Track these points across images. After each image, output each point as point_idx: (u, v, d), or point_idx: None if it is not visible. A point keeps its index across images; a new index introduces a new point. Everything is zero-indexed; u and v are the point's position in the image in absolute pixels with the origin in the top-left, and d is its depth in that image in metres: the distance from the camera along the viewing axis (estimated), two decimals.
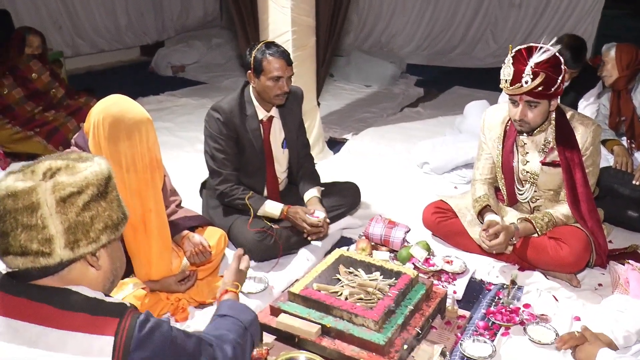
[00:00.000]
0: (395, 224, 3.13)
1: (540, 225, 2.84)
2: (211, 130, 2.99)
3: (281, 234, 3.00)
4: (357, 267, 2.53)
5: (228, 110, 2.97)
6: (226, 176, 3.00)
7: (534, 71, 2.55)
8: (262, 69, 2.90)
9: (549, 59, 2.54)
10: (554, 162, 2.83)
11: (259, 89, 2.96)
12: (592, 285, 2.86)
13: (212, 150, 3.00)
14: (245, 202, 2.98)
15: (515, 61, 2.60)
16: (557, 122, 2.79)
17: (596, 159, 2.80)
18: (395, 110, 5.93)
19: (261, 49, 2.92)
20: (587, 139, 2.75)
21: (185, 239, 2.58)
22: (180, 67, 7.48)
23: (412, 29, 8.64)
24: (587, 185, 2.77)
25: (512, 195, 3.05)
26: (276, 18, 4.18)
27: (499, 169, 3.03)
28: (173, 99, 6.13)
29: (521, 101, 2.67)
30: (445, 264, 2.94)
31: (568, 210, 2.83)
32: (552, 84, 2.57)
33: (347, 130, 5.23)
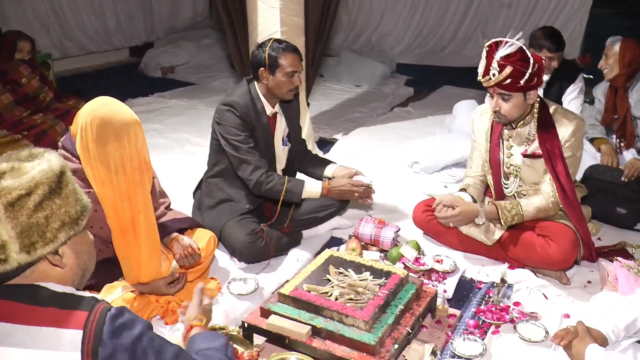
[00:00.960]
0: (385, 224, 3.14)
1: (505, 217, 2.87)
2: (228, 124, 2.94)
3: (272, 236, 3.00)
4: (347, 267, 2.53)
5: (244, 104, 2.96)
6: (256, 164, 2.94)
7: (500, 64, 2.62)
8: (278, 65, 2.92)
9: (515, 52, 2.60)
10: (534, 154, 2.87)
11: (272, 85, 2.97)
12: (582, 283, 2.89)
13: (234, 142, 2.94)
14: (284, 187, 2.93)
15: (487, 55, 2.67)
16: (539, 115, 2.84)
17: (576, 152, 2.82)
18: (385, 110, 5.94)
19: (274, 45, 2.94)
20: (568, 132, 2.79)
21: (175, 241, 2.57)
22: (170, 68, 7.46)
23: (402, 28, 8.65)
24: (569, 177, 2.81)
25: (499, 190, 3.08)
26: (265, 18, 4.18)
27: (487, 162, 3.07)
28: (162, 101, 6.11)
29: (495, 93, 2.75)
30: (435, 263, 2.96)
31: (542, 203, 2.86)
32: (520, 76, 2.62)
33: (337, 130, 5.24)
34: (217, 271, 2.91)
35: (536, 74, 2.65)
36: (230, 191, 3.10)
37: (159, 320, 2.51)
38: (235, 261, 3.01)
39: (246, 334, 2.30)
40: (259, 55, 2.95)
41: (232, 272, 2.93)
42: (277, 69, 2.92)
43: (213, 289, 2.69)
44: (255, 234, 2.94)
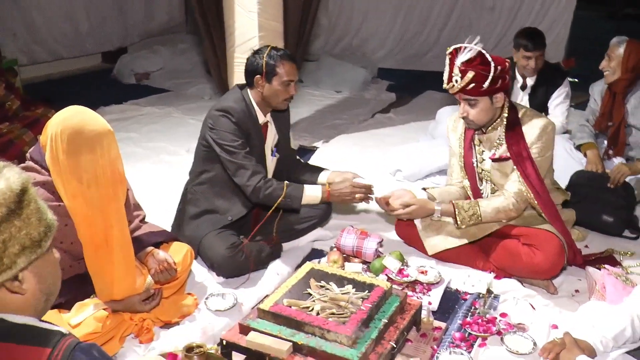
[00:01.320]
0: (368, 235, 3.14)
1: (462, 216, 2.92)
2: (223, 130, 2.94)
3: (252, 249, 2.99)
4: (328, 280, 2.53)
5: (240, 110, 2.97)
6: (254, 169, 2.94)
7: (461, 70, 2.69)
8: (276, 73, 2.95)
9: (475, 57, 2.67)
10: (501, 157, 2.93)
11: (268, 93, 2.99)
12: (569, 292, 2.92)
13: (230, 147, 2.93)
14: (284, 192, 2.93)
15: (449, 62, 2.75)
16: (508, 118, 2.90)
17: (545, 153, 2.87)
18: (367, 116, 5.97)
19: (271, 53, 2.97)
20: (535, 134, 2.83)
21: (150, 255, 2.55)
22: (144, 74, 7.43)
23: (384, 32, 8.70)
24: (540, 178, 2.85)
25: (477, 195, 3.12)
26: (243, 23, 4.19)
27: (462, 168, 3.13)
28: (137, 108, 6.08)
29: (461, 99, 2.82)
30: (419, 274, 2.96)
31: (502, 204, 2.90)
32: (482, 80, 2.69)
33: (318, 137, 5.24)
34: (194, 286, 2.89)
35: (500, 76, 2.71)
36: (216, 201, 3.09)
37: (133, 339, 2.48)
38: (213, 275, 3.00)
39: (225, 352, 2.28)
40: (256, 62, 2.98)
41: (209, 287, 2.91)
42: (274, 77, 2.95)
43: (190, 305, 2.67)
44: (235, 247, 2.93)
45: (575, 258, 2.99)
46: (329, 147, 4.99)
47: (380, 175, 4.36)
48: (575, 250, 2.99)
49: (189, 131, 5.27)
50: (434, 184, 4.14)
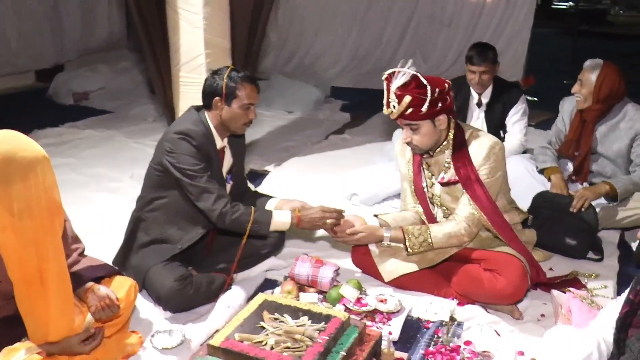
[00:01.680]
0: (323, 263, 3.13)
1: (411, 243, 2.97)
2: (184, 153, 2.91)
3: (202, 281, 2.96)
4: (282, 312, 2.51)
5: (201, 134, 2.95)
6: (218, 192, 2.92)
7: (398, 95, 2.75)
8: (236, 95, 2.95)
9: (410, 81, 2.73)
10: (450, 181, 2.99)
11: (226, 116, 2.99)
12: (535, 317, 2.96)
13: (192, 172, 2.90)
14: (252, 217, 2.91)
15: (386, 86, 2.81)
16: (454, 140, 2.96)
17: (494, 174, 2.92)
18: (320, 137, 6.00)
19: (232, 74, 2.96)
20: (481, 155, 2.90)
21: (90, 291, 2.49)
22: (83, 94, 7.32)
23: (337, 49, 8.80)
24: (490, 200, 2.91)
25: (431, 220, 3.17)
26: (188, 39, 4.18)
27: (413, 193, 3.18)
28: (75, 131, 5.98)
29: (402, 124, 2.88)
30: (378, 303, 2.96)
31: (453, 229, 2.95)
32: (420, 104, 2.74)
33: (269, 161, 5.24)
34: (138, 323, 2.83)
35: (439, 98, 2.77)
36: (169, 229, 3.06)
37: None
38: (159, 310, 2.94)
39: None
40: (215, 84, 2.97)
41: (155, 323, 2.85)
42: (234, 99, 2.96)
43: (134, 344, 2.61)
44: (184, 280, 2.89)
45: (538, 276, 3.06)
46: (281, 170, 4.98)
47: (336, 199, 4.36)
48: (537, 269, 3.05)
49: (132, 156, 5.21)
50: (392, 208, 4.17)
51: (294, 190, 4.52)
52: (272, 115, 6.75)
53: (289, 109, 6.91)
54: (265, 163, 5.18)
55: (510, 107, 4.33)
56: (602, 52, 10.70)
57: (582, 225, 3.48)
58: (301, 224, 3.05)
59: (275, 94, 7.05)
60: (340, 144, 5.78)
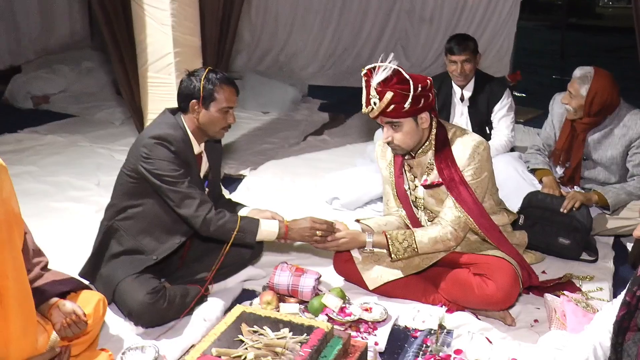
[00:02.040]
0: (304, 271, 3.13)
1: (395, 249, 2.98)
2: (161, 159, 2.88)
3: (175, 294, 2.94)
4: (262, 324, 2.50)
5: (179, 139, 2.94)
6: (202, 198, 2.91)
7: (379, 91, 2.77)
8: (214, 98, 2.94)
9: (392, 76, 2.75)
10: (433, 183, 3.01)
11: (204, 120, 2.98)
12: (528, 322, 2.98)
13: (172, 178, 2.88)
14: (238, 225, 2.90)
15: (365, 83, 2.83)
16: (437, 140, 2.97)
17: (479, 175, 2.94)
18: (298, 139, 6.01)
19: (209, 76, 2.95)
20: (465, 156, 2.92)
21: (54, 308, 2.45)
22: (43, 97, 7.24)
23: (313, 46, 8.82)
24: (477, 202, 2.93)
25: (415, 224, 3.19)
26: (156, 38, 4.17)
27: (395, 196, 3.20)
28: (36, 137, 5.91)
29: (383, 123, 2.89)
30: (363, 312, 2.96)
31: (439, 233, 2.97)
32: (402, 100, 2.75)
33: (244, 165, 5.23)
34: (108, 340, 2.81)
35: (422, 95, 2.78)
36: (142, 239, 3.03)
37: None
38: (130, 325, 2.92)
39: None
40: (192, 86, 2.96)
41: (126, 339, 2.83)
42: (211, 102, 2.95)
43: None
44: (157, 293, 2.86)
45: (530, 279, 3.07)
46: (257, 175, 4.97)
47: (316, 204, 4.37)
48: (529, 271, 3.07)
49: (98, 162, 5.17)
50: (375, 212, 4.18)
51: (271, 195, 4.52)
52: (246, 116, 6.74)
53: (264, 110, 6.91)
54: (241, 167, 5.17)
55: (495, 102, 4.36)
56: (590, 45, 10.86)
57: (575, 224, 3.52)
58: (289, 235, 3.03)
59: (250, 94, 7.04)
60: (319, 145, 5.79)
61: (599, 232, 3.75)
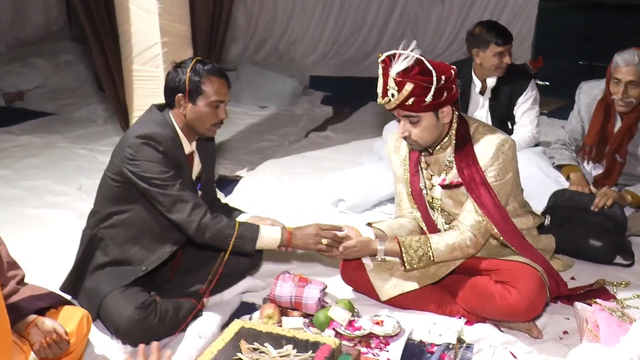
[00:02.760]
0: (308, 281, 3.13)
1: (409, 257, 2.96)
2: (149, 160, 2.89)
3: (167, 308, 2.95)
4: (263, 341, 2.51)
5: (168, 137, 2.94)
6: (195, 201, 2.92)
7: (398, 82, 2.74)
8: (201, 91, 2.94)
9: (413, 66, 2.73)
10: (452, 183, 3.00)
11: (192, 116, 2.98)
12: (556, 334, 2.98)
13: (161, 181, 2.88)
14: (236, 231, 2.90)
15: (383, 71, 2.80)
16: (457, 136, 2.97)
17: (504, 176, 2.94)
18: (299, 136, 6.00)
19: (196, 67, 2.95)
20: (488, 155, 2.91)
21: (32, 326, 2.45)
22: (17, 94, 7.25)
23: (315, 33, 8.80)
24: (498, 206, 2.92)
25: (431, 227, 3.18)
26: (141, 27, 4.16)
27: (410, 196, 3.18)
28: (9, 138, 5.90)
29: (400, 116, 2.87)
30: (374, 325, 2.96)
31: (456, 239, 2.96)
32: (423, 93, 2.74)
33: (240, 165, 5.24)
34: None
35: (445, 87, 2.78)
36: (130, 249, 3.04)
37: None
38: (118, 343, 2.93)
39: None
40: (177, 78, 2.96)
41: (113, 359, 2.84)
42: (199, 96, 2.95)
43: None
44: (147, 307, 2.87)
45: (558, 288, 3.06)
46: (255, 176, 4.98)
47: (319, 207, 4.38)
48: (557, 280, 3.06)
49: (79, 164, 5.17)
50: (384, 214, 4.18)
51: (270, 198, 4.53)
52: (241, 111, 6.72)
53: (261, 104, 6.90)
54: (236, 167, 5.17)
55: (519, 94, 4.36)
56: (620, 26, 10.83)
57: (607, 224, 3.52)
58: (292, 242, 3.03)
59: (245, 87, 7.02)
60: (322, 142, 5.78)
61: (634, 233, 3.73)
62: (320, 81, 7.74)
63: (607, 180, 3.89)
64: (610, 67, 3.74)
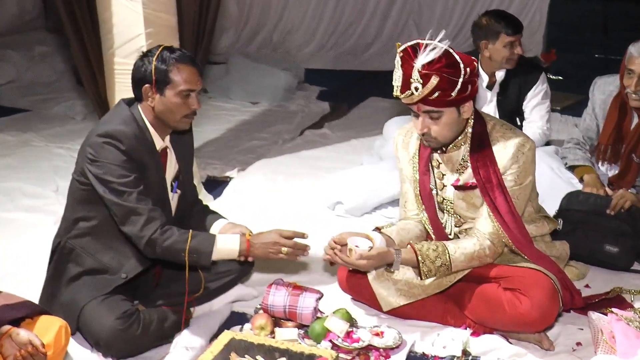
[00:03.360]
0: (303, 290, 3.14)
1: (427, 268, 2.93)
2: (109, 162, 2.88)
3: (151, 318, 2.95)
4: (254, 353, 2.52)
5: (131, 134, 2.93)
6: (149, 214, 2.89)
7: (423, 74, 2.72)
8: (169, 81, 2.92)
9: (441, 58, 2.72)
10: (467, 185, 3.00)
11: (161, 108, 2.97)
12: (569, 346, 3.00)
13: (119, 186, 2.87)
14: (188, 245, 2.88)
15: (404, 63, 2.77)
16: (473, 134, 2.97)
17: (523, 180, 2.95)
18: (294, 134, 6.01)
19: (163, 55, 2.94)
20: (507, 156, 2.92)
21: (6, 338, 2.45)
22: None
23: (312, 22, 8.79)
24: (513, 212, 2.93)
25: (439, 230, 3.18)
26: (124, 17, 4.15)
27: (418, 196, 3.17)
28: None
29: (420, 111, 2.84)
30: (373, 337, 2.97)
31: (475, 248, 2.95)
32: (451, 87, 2.73)
33: (231, 165, 5.24)
34: None
35: (469, 81, 2.78)
36: (104, 256, 3.04)
37: None
38: (99, 357, 2.93)
39: None
40: (143, 68, 2.96)
41: None
42: (167, 86, 2.93)
43: None
44: (129, 317, 2.87)
45: (573, 301, 3.07)
46: (246, 176, 4.98)
47: (315, 210, 4.40)
48: (573, 291, 3.07)
49: (56, 164, 5.17)
50: (385, 218, 4.19)
51: (263, 200, 4.54)
52: (232, 107, 6.73)
53: (253, 100, 6.88)
54: (226, 168, 5.17)
55: (528, 88, 4.37)
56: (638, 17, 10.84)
57: (624, 228, 3.53)
58: (252, 252, 2.99)
59: (235, 81, 7.01)
60: (319, 141, 5.79)
61: None
62: (316, 75, 7.73)
63: (623, 181, 3.88)
64: (624, 58, 3.73)
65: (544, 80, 4.41)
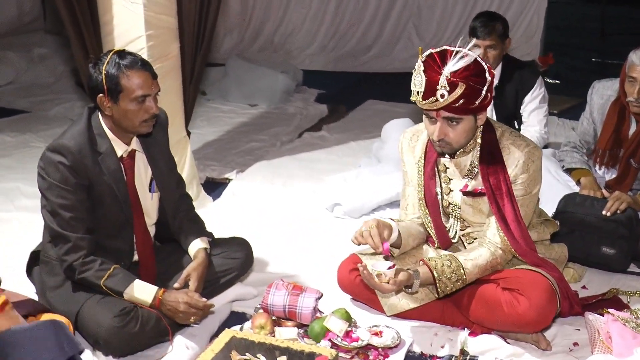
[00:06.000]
0: (303, 289, 3.16)
1: (444, 285, 2.91)
2: (51, 180, 2.89)
3: (150, 315, 2.96)
4: (255, 351, 2.53)
5: (76, 150, 2.90)
6: (75, 242, 2.90)
7: (451, 82, 2.71)
8: (121, 88, 2.87)
9: (469, 66, 2.72)
10: (475, 191, 3.01)
11: (118, 115, 2.93)
12: (566, 346, 3.01)
13: (55, 206, 2.89)
14: (101, 284, 2.89)
15: (428, 68, 2.76)
16: (483, 140, 2.98)
17: (531, 189, 2.97)
18: (292, 136, 6.01)
19: (113, 61, 2.89)
20: (518, 164, 2.93)
21: None
22: None
23: (312, 25, 8.79)
24: (519, 222, 2.94)
25: (442, 235, 3.19)
26: (124, 18, 4.15)
27: (422, 200, 3.17)
28: None
29: (439, 117, 2.82)
30: (372, 336, 2.99)
31: (487, 259, 2.96)
32: (475, 96, 2.74)
33: (230, 167, 5.25)
34: None
35: (490, 89, 2.79)
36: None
37: None
38: (99, 356, 2.94)
39: None
40: (94, 77, 2.91)
41: None
42: (120, 94, 2.89)
43: None
44: (127, 314, 2.88)
45: (572, 310, 3.09)
46: (245, 178, 4.99)
47: (314, 212, 4.41)
48: (572, 300, 3.08)
49: None
50: None
51: (261, 202, 4.55)
52: (230, 109, 6.72)
53: (251, 102, 6.88)
54: (225, 170, 5.17)
55: (525, 92, 4.38)
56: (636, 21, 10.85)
57: (620, 231, 3.53)
58: (162, 308, 2.97)
59: (233, 84, 7.00)
60: (317, 143, 5.79)
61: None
62: (314, 77, 7.71)
63: (620, 185, 3.90)
64: (625, 65, 3.75)
65: (541, 84, 4.42)
